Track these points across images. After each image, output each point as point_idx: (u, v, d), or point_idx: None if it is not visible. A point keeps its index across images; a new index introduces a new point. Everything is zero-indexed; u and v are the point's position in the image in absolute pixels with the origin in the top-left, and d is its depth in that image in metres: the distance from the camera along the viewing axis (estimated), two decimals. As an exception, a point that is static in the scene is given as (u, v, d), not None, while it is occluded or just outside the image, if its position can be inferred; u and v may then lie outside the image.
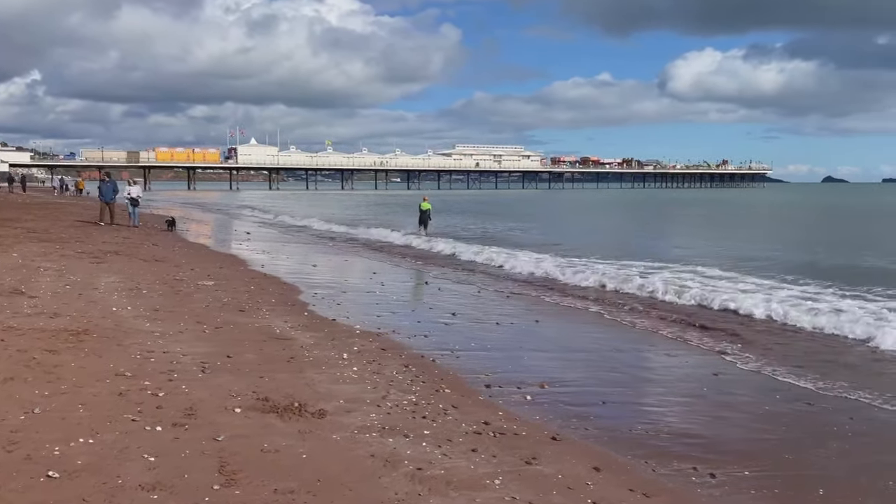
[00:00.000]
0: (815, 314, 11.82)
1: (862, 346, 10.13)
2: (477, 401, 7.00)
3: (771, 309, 12.34)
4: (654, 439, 6.23)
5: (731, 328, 11.31)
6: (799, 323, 11.50)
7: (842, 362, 9.33)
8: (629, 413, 7.06)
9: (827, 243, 28.34)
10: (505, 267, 19.43)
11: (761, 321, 11.95)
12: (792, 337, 10.87)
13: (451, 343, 9.82)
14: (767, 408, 7.38)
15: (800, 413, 7.26)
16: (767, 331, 11.26)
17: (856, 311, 12.04)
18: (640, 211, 63.69)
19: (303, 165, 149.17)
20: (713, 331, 11.19)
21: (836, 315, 11.64)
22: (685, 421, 6.83)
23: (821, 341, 10.55)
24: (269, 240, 28.28)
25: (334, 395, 6.72)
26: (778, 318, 11.81)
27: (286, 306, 11.96)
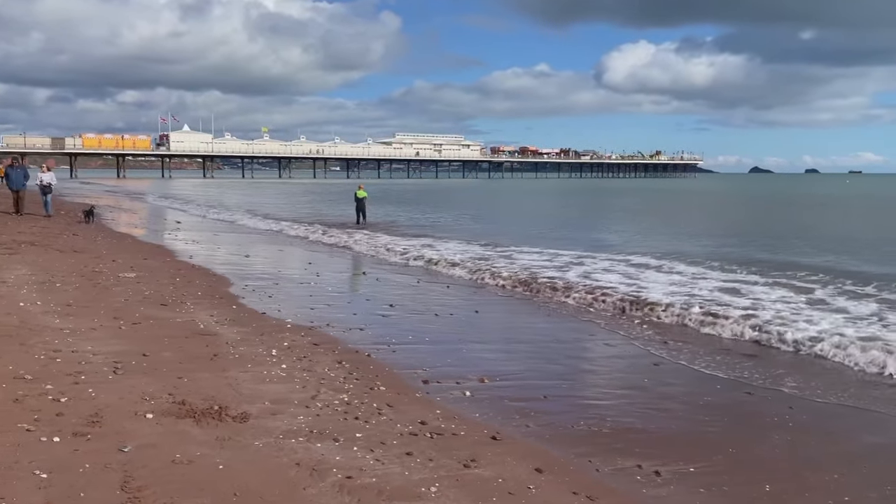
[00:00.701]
0: (742, 303, 11.92)
1: (787, 336, 10.11)
2: (413, 398, 6.63)
3: (700, 298, 12.43)
4: (596, 436, 5.98)
5: (664, 318, 11.26)
6: (727, 313, 11.57)
7: (770, 353, 9.32)
8: (571, 407, 6.81)
9: (755, 233, 29.05)
10: (445, 256, 19.11)
11: (692, 311, 11.94)
12: (722, 327, 10.85)
13: (388, 336, 9.42)
14: (708, 398, 7.24)
15: (740, 403, 7.15)
16: (699, 321, 11.24)
17: (776, 302, 12.21)
18: (578, 199, 64.36)
19: (238, 153, 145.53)
20: (649, 321, 11.12)
21: (760, 304, 11.81)
22: (627, 414, 6.62)
23: (748, 330, 10.56)
24: (200, 229, 27.22)
25: (259, 396, 6.24)
26: (706, 308, 11.80)
27: (213, 299, 11.33)
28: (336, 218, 33.41)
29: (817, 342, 9.19)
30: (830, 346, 8.99)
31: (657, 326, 10.67)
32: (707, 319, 10.70)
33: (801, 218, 40.88)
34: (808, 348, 9.12)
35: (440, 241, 23.12)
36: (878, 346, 8.79)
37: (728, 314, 10.90)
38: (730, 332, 10.15)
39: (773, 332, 9.80)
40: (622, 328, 10.58)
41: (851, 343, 8.99)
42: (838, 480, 5.23)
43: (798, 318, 10.64)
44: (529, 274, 15.52)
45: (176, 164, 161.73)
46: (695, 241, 24.62)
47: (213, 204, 46.10)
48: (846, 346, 8.92)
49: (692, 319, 10.82)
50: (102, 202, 42.35)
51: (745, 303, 12.06)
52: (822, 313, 11.12)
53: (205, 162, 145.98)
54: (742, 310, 11.30)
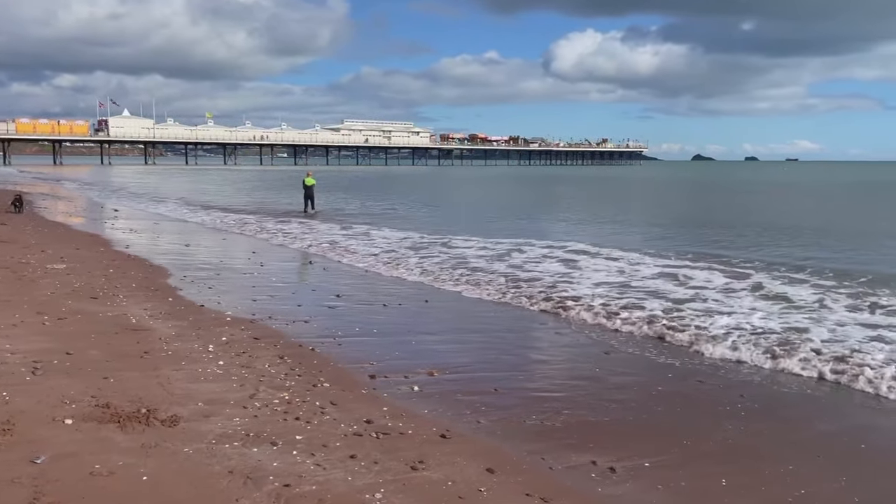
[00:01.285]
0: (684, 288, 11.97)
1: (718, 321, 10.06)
2: (359, 395, 6.31)
3: (642, 283, 12.48)
4: (549, 430, 5.77)
5: (608, 305, 11.16)
6: (668, 294, 11.59)
7: (707, 337, 9.25)
8: (523, 400, 6.58)
9: (699, 221, 29.49)
10: (392, 244, 18.74)
11: (635, 297, 11.91)
12: (661, 315, 10.81)
13: (334, 328, 9.06)
14: (660, 388, 7.12)
15: (693, 392, 7.05)
16: (643, 307, 11.19)
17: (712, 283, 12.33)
18: (527, 187, 64.57)
19: (181, 139, 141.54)
20: (593, 309, 11.00)
21: (695, 289, 11.89)
22: (580, 406, 6.43)
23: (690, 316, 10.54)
24: (140, 218, 26.20)
25: (192, 397, 5.83)
26: (650, 295, 11.77)
27: (148, 291, 10.77)
28: (285, 206, 32.65)
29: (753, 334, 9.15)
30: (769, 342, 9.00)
31: (601, 313, 10.54)
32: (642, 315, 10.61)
33: (745, 205, 41.76)
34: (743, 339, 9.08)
35: (380, 229, 22.72)
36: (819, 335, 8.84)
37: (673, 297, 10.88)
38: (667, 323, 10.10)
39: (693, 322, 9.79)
40: (569, 317, 10.42)
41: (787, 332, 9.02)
42: (794, 472, 5.13)
43: (720, 308, 10.65)
44: (477, 261, 15.28)
45: (116, 151, 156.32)
46: (636, 228, 24.83)
47: (149, 193, 44.59)
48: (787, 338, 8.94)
49: (633, 305, 10.74)
50: (35, 190, 40.58)
51: (682, 291, 12.05)
52: (757, 301, 11.18)
53: (146, 148, 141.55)
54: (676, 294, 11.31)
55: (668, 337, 9.16)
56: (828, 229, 23.96)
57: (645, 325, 9.65)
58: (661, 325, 9.66)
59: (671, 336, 9.18)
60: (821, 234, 22.02)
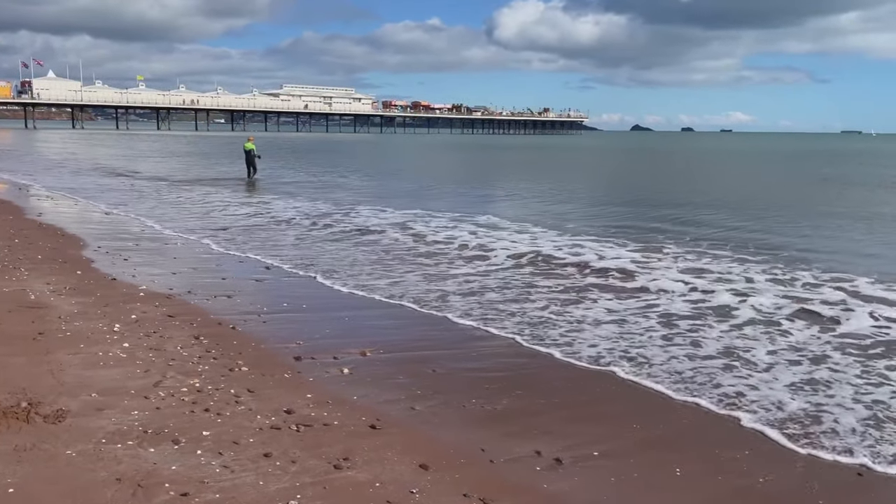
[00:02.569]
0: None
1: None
2: (281, 380, 5.69)
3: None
4: (490, 417, 5.28)
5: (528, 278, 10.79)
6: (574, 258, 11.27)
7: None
8: (461, 382, 6.07)
9: (635, 191, 29.51)
10: (336, 215, 17.98)
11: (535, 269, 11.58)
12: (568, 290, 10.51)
13: (260, 304, 8.38)
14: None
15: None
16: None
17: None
18: (468, 156, 63.99)
19: (112, 103, 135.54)
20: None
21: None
22: (523, 387, 5.96)
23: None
24: (63, 185, 24.59)
25: (87, 386, 5.12)
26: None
27: (55, 263, 9.83)
28: (222, 174, 31.31)
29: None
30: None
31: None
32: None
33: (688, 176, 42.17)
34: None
35: (333, 197, 21.93)
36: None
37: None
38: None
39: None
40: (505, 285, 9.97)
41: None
42: (749, 457, 4.78)
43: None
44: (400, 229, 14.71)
45: (42, 115, 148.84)
46: (566, 203, 24.63)
47: (67, 162, 42.24)
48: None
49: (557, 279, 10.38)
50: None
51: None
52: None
53: (73, 112, 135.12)
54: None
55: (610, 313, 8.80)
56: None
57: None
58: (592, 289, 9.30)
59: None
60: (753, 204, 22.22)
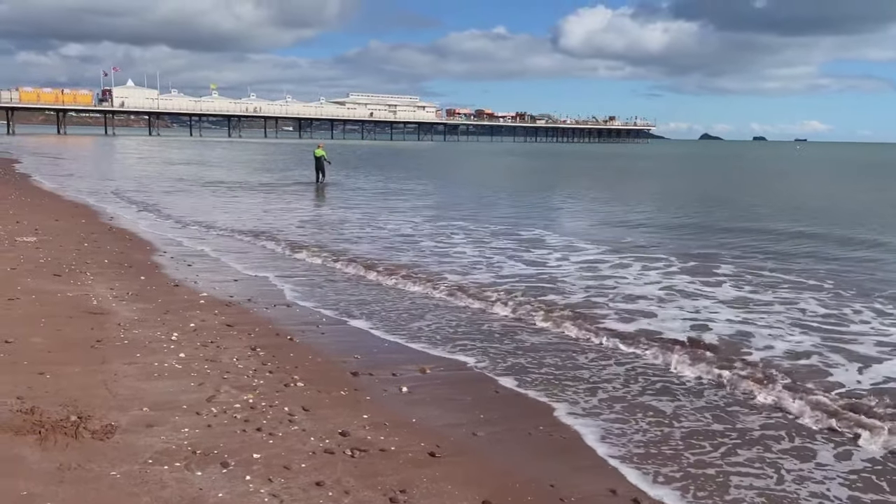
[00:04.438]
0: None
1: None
2: (337, 398, 5.40)
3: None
4: (559, 446, 4.85)
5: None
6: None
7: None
8: (526, 405, 5.67)
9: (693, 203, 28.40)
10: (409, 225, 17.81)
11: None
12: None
13: (320, 314, 8.16)
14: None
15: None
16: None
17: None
18: (537, 164, 63.27)
19: (186, 111, 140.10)
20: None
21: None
22: (604, 419, 5.52)
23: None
24: (150, 190, 25.21)
25: (139, 399, 4.95)
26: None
27: (121, 268, 9.87)
28: (292, 178, 31.78)
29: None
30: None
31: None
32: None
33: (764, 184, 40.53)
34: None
35: (398, 203, 21.82)
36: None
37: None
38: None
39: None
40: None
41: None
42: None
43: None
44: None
45: (121, 122, 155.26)
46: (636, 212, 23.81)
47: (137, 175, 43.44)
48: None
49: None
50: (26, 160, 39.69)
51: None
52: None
53: (150, 119, 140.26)
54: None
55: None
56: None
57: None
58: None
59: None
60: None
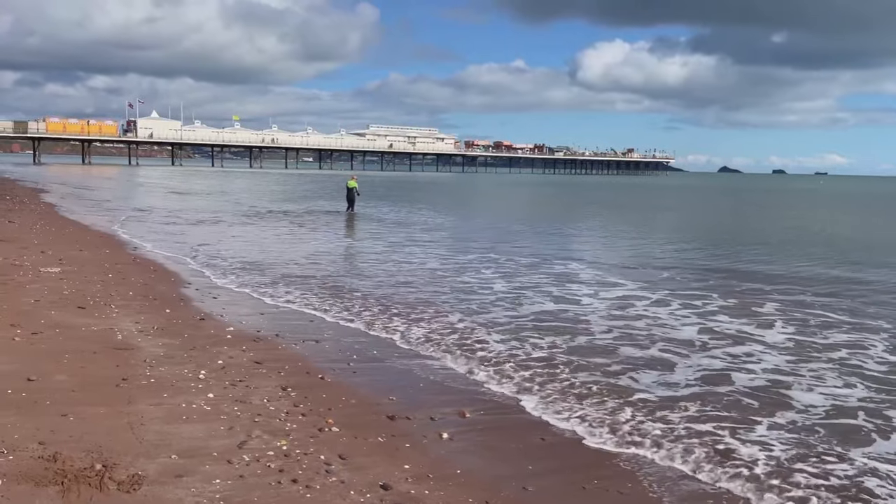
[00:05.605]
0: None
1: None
2: (375, 445, 5.07)
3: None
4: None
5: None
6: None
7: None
8: (578, 453, 5.30)
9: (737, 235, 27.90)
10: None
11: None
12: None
13: (350, 350, 7.85)
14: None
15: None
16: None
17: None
18: (556, 194, 63.03)
19: (208, 141, 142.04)
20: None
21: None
22: (650, 465, 5.14)
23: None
24: (169, 220, 25.23)
25: (167, 445, 4.65)
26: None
27: (146, 301, 9.65)
28: (326, 207, 31.83)
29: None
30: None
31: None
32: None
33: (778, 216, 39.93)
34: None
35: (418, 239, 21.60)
36: None
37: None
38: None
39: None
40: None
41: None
42: None
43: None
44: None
45: (144, 152, 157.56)
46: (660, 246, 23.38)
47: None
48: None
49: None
50: (57, 189, 40.09)
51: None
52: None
53: (173, 150, 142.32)
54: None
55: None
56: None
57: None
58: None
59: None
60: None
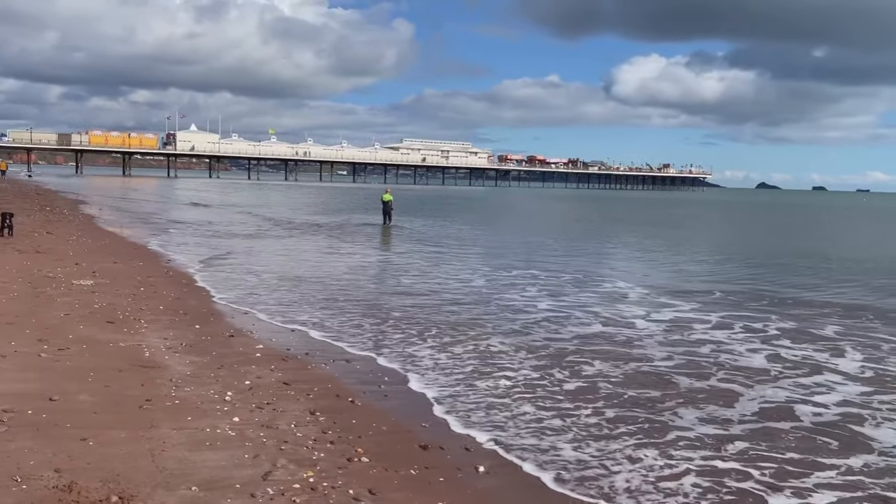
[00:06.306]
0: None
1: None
2: (407, 478, 4.76)
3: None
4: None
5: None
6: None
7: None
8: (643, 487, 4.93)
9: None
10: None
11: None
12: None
13: (382, 371, 7.57)
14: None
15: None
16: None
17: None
18: (591, 210, 62.32)
19: (245, 154, 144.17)
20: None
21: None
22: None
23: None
24: (202, 234, 25.37)
25: (188, 475, 4.40)
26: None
27: (175, 315, 9.50)
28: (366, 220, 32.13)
29: None
30: None
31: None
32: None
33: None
34: None
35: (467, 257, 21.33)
36: None
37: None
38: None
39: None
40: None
41: None
42: None
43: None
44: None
45: (183, 164, 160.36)
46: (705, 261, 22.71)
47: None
48: None
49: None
50: (96, 201, 40.73)
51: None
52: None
53: (211, 162, 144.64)
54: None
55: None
56: None
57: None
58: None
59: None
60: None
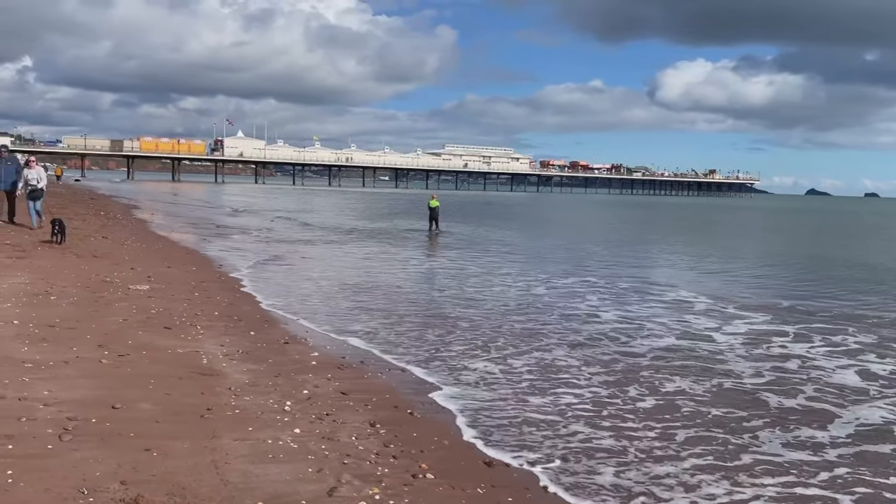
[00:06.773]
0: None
1: None
2: (474, 497, 4.57)
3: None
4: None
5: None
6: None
7: None
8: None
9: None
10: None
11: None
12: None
13: (439, 378, 7.43)
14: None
15: None
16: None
17: None
18: (635, 215, 61.42)
19: (289, 160, 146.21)
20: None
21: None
22: None
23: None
24: (254, 240, 25.66)
25: (252, 489, 4.29)
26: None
27: (230, 321, 9.49)
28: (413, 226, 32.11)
29: None
30: None
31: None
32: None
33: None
34: None
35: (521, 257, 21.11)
36: None
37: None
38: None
39: None
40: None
41: None
42: None
43: None
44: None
45: (230, 170, 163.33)
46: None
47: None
48: None
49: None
50: (147, 206, 41.61)
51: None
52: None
53: (257, 168, 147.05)
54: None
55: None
56: None
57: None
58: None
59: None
60: None
